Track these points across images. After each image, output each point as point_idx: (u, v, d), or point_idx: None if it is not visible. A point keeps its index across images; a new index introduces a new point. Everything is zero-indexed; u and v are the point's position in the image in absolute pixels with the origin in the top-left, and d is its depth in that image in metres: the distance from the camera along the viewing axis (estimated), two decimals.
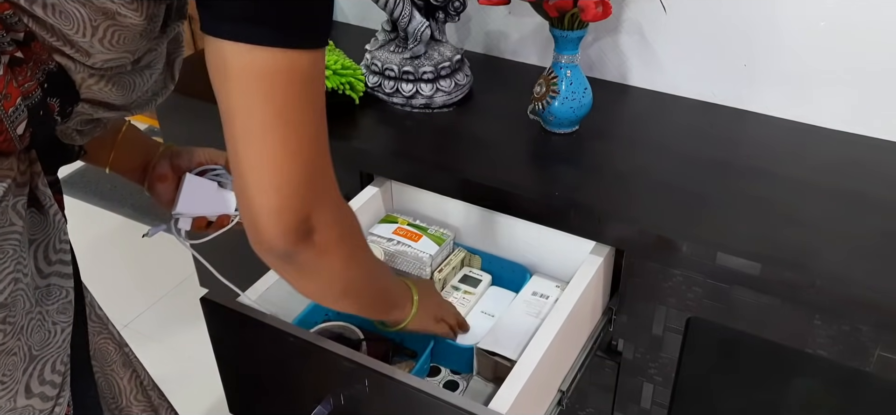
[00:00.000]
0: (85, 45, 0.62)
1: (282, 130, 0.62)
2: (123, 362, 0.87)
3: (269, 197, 0.63)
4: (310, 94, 0.63)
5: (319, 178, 0.67)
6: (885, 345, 0.89)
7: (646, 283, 1.03)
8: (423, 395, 0.81)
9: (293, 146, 0.63)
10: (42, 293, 0.68)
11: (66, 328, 0.70)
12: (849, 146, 1.18)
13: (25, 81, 0.61)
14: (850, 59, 1.17)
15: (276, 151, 0.62)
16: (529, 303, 1.06)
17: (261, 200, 0.63)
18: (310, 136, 0.64)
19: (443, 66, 1.29)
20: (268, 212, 0.64)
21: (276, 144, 0.62)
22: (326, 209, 0.68)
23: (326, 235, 0.68)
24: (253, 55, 0.59)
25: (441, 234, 1.15)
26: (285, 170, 0.63)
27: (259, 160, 0.63)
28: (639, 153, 1.17)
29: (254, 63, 0.60)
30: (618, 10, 1.32)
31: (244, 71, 0.60)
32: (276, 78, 0.60)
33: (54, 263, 0.69)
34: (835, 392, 0.99)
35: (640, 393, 1.13)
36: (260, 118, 0.61)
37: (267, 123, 0.61)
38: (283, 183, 0.63)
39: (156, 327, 1.81)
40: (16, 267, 0.63)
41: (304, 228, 0.66)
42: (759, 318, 0.96)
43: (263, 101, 0.61)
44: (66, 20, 0.61)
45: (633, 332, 1.08)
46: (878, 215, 1.00)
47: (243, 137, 0.63)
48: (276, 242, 0.65)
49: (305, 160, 0.64)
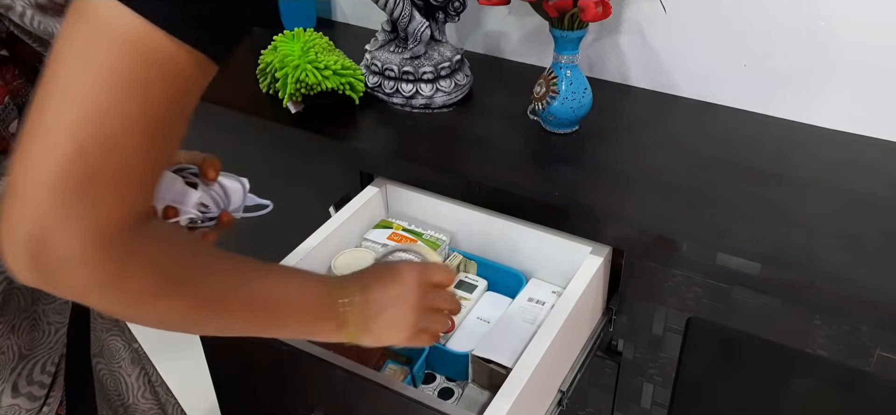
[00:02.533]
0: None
1: (88, 98, 0.46)
2: (132, 359, 0.87)
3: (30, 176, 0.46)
4: (169, 91, 0.48)
5: (104, 191, 0.47)
6: (885, 345, 0.89)
7: (646, 283, 1.03)
8: (416, 404, 0.80)
9: (81, 124, 0.46)
10: (40, 292, 0.68)
11: (61, 329, 0.70)
12: (849, 146, 1.18)
13: (13, 80, 0.60)
14: (850, 59, 1.17)
15: (65, 115, 0.46)
16: (525, 309, 1.05)
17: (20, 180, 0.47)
18: (116, 127, 0.47)
19: (443, 67, 1.29)
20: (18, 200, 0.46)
21: (73, 109, 0.46)
22: (85, 218, 0.47)
23: (71, 255, 0.47)
24: (114, 11, 0.46)
25: (436, 239, 1.14)
26: (65, 138, 0.45)
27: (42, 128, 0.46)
28: (639, 153, 1.17)
29: (112, 18, 0.46)
30: (618, 10, 1.32)
31: (98, 22, 0.46)
32: (134, 56, 0.46)
33: None
34: (835, 392, 0.99)
35: (640, 393, 1.13)
36: (77, 78, 0.46)
37: (79, 83, 0.46)
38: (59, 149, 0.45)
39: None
40: None
41: (38, 239, 0.46)
42: (759, 318, 0.96)
43: (95, 59, 0.46)
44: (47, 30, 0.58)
45: (633, 332, 1.08)
46: (878, 215, 1.00)
47: (47, 93, 0.47)
48: (15, 247, 0.47)
49: (82, 145, 0.46)
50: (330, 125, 1.24)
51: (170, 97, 0.48)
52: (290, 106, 1.26)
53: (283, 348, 0.87)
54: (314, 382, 0.87)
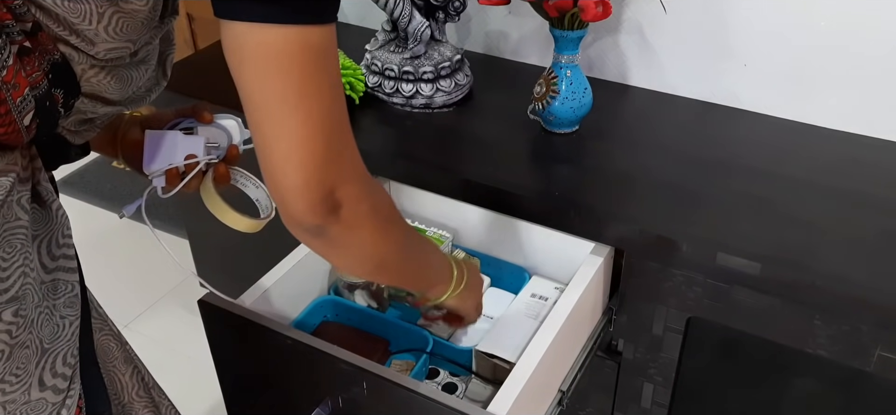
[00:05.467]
0: (90, 34, 0.63)
1: (300, 106, 0.62)
2: (125, 359, 0.88)
3: (293, 173, 0.64)
4: (325, 68, 0.64)
5: (342, 152, 0.67)
6: (885, 345, 0.89)
7: (646, 283, 1.03)
8: (421, 398, 0.81)
9: (314, 121, 0.63)
10: (48, 288, 0.69)
11: (75, 322, 0.71)
12: (849, 146, 1.18)
13: (33, 71, 0.62)
14: (850, 58, 1.17)
15: (297, 126, 0.63)
16: (528, 305, 1.05)
17: (286, 178, 0.64)
18: (328, 110, 0.64)
19: (443, 66, 1.29)
20: (293, 188, 0.64)
21: (297, 120, 0.63)
22: (352, 183, 0.68)
23: (354, 210, 0.69)
24: (265, 33, 0.60)
25: (439, 235, 1.15)
26: (307, 145, 0.64)
27: (280, 137, 0.63)
28: (639, 153, 1.17)
29: (267, 41, 0.61)
30: (618, 10, 1.32)
31: (258, 50, 0.61)
32: (291, 54, 0.61)
33: (58, 257, 0.69)
34: (835, 392, 0.99)
35: (640, 393, 1.13)
36: (278, 96, 0.62)
37: (285, 99, 0.62)
38: (306, 159, 0.64)
39: (156, 327, 1.81)
40: (24, 261, 0.64)
41: (330, 203, 0.66)
42: (759, 318, 0.96)
43: (280, 78, 0.62)
44: (74, 10, 0.61)
45: (633, 332, 1.08)
46: (878, 215, 1.00)
47: (263, 117, 0.64)
48: (304, 217, 0.66)
49: (327, 135, 0.65)
50: None
51: (333, 63, 0.65)
52: None
53: (288, 344, 0.87)
54: (320, 376, 0.88)
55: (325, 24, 0.63)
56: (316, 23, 0.62)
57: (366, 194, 0.71)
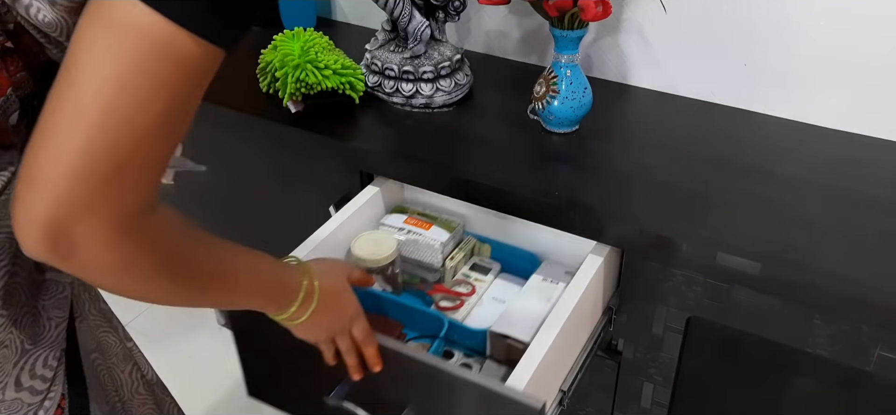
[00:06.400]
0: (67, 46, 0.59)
1: (119, 95, 0.48)
2: (124, 356, 0.88)
3: (49, 170, 0.48)
4: (176, 91, 0.50)
5: (113, 170, 0.49)
6: (885, 345, 0.89)
7: (646, 283, 1.03)
8: (443, 374, 0.80)
9: (104, 129, 0.48)
10: (39, 289, 0.68)
11: (61, 323, 0.71)
12: (849, 146, 1.18)
13: (16, 72, 0.60)
14: (850, 58, 1.17)
15: (83, 121, 0.48)
16: (540, 288, 1.07)
17: (39, 171, 0.49)
18: (146, 122, 0.49)
19: (443, 66, 1.29)
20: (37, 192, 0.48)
21: (102, 105, 0.48)
22: (101, 214, 0.50)
23: (90, 245, 0.50)
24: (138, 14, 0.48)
25: (451, 222, 1.16)
26: (80, 151, 0.48)
27: (56, 130, 0.48)
28: (639, 153, 1.17)
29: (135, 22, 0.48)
30: (618, 9, 1.32)
31: (118, 25, 0.48)
32: (153, 51, 0.49)
33: None
34: (835, 392, 0.99)
35: (640, 393, 1.13)
36: (98, 81, 0.48)
37: (107, 80, 0.48)
38: (76, 163, 0.48)
39: (156, 326, 1.81)
40: (12, 261, 0.63)
41: (58, 233, 0.49)
42: (759, 318, 0.96)
43: (120, 66, 0.48)
44: (49, 25, 0.58)
45: (633, 332, 1.08)
46: (878, 215, 1.00)
47: (69, 90, 0.49)
48: (30, 239, 0.50)
49: (102, 145, 0.48)
50: (330, 125, 1.24)
51: (189, 89, 0.52)
52: (291, 105, 1.26)
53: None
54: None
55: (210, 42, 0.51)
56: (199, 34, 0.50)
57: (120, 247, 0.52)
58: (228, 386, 1.59)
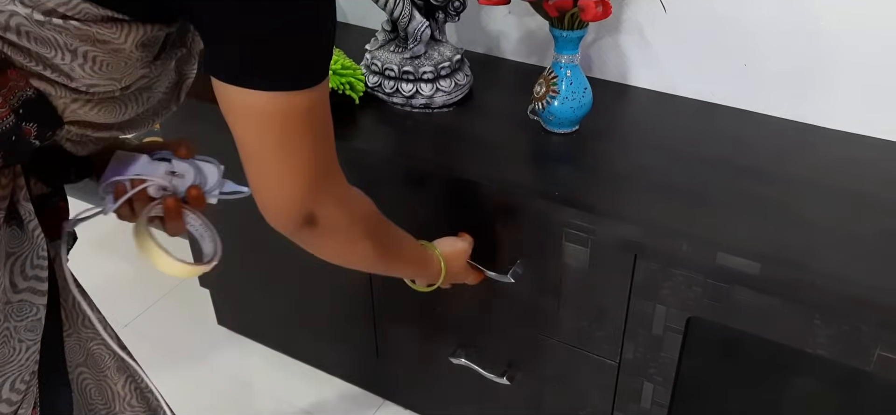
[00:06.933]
0: (65, 68, 0.62)
1: (283, 157, 0.69)
2: (118, 367, 0.85)
3: (274, 201, 0.73)
4: (308, 124, 0.69)
5: (324, 181, 0.75)
6: (885, 345, 0.89)
7: (646, 283, 1.03)
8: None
9: (296, 170, 0.71)
10: (13, 309, 0.67)
11: (32, 347, 0.69)
12: (849, 146, 1.18)
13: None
14: (850, 58, 1.17)
15: (280, 172, 0.71)
16: None
17: (268, 202, 0.73)
18: (309, 156, 0.71)
19: (443, 66, 1.29)
20: (274, 211, 0.74)
21: (280, 167, 0.70)
22: (329, 202, 0.76)
23: (329, 223, 0.77)
24: (253, 98, 0.64)
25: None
26: (287, 185, 0.72)
27: (265, 177, 0.72)
28: (639, 153, 1.17)
29: (255, 104, 0.65)
30: (618, 10, 1.32)
31: (246, 110, 0.66)
32: (276, 117, 0.66)
33: (30, 278, 0.68)
34: (835, 392, 0.99)
35: (640, 393, 1.13)
36: (262, 147, 0.69)
37: (269, 151, 0.69)
38: (286, 193, 0.72)
39: (156, 326, 1.81)
40: None
41: (306, 220, 0.75)
42: (759, 318, 0.96)
43: (265, 134, 0.68)
44: (43, 45, 0.60)
45: (634, 332, 1.08)
46: (878, 215, 1.00)
47: (250, 159, 0.71)
48: (286, 227, 0.75)
49: (306, 175, 0.72)
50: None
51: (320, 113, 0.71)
52: None
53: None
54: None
55: (310, 88, 0.67)
56: (301, 89, 0.66)
57: (343, 212, 0.79)
58: (228, 386, 1.59)
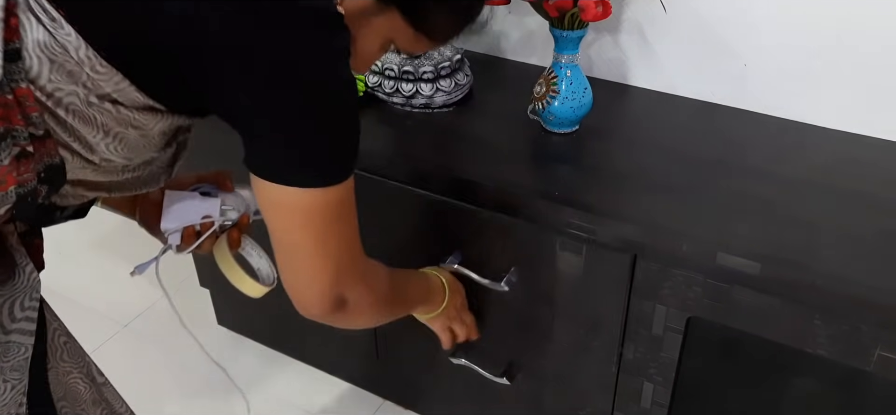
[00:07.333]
0: (93, 143, 0.66)
1: (318, 251, 0.75)
2: (94, 400, 0.87)
3: (310, 289, 0.78)
4: (342, 215, 0.75)
5: (351, 267, 0.80)
6: (885, 345, 0.89)
7: (646, 283, 1.03)
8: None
9: (330, 259, 0.76)
10: (1, 349, 0.68)
11: (18, 385, 0.71)
12: (849, 146, 1.18)
13: (25, 172, 0.62)
14: (850, 58, 1.17)
15: (314, 263, 0.76)
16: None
17: (303, 296, 0.79)
18: (342, 245, 0.77)
19: (443, 66, 1.29)
20: (309, 299, 0.79)
21: (314, 259, 0.75)
22: (356, 285, 0.82)
23: (357, 301, 0.83)
24: (292, 195, 0.69)
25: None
26: (322, 274, 0.77)
27: (300, 270, 0.77)
28: (639, 153, 1.17)
29: (293, 200, 0.70)
30: (618, 10, 1.32)
31: (284, 205, 0.71)
32: (313, 211, 0.71)
33: (19, 320, 0.69)
34: (835, 392, 0.99)
35: (640, 393, 1.13)
36: (299, 240, 0.74)
37: (309, 243, 0.74)
38: (320, 281, 0.77)
39: (155, 326, 1.81)
40: None
41: (338, 303, 0.80)
42: (759, 318, 0.96)
43: (302, 228, 0.73)
44: (84, 123, 0.64)
45: (633, 332, 1.08)
46: (878, 215, 1.00)
47: (286, 251, 0.76)
48: (318, 315, 0.81)
49: (338, 262, 0.77)
50: None
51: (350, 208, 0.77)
52: None
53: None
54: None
55: (343, 182, 0.72)
56: (334, 184, 0.71)
57: (367, 290, 0.84)
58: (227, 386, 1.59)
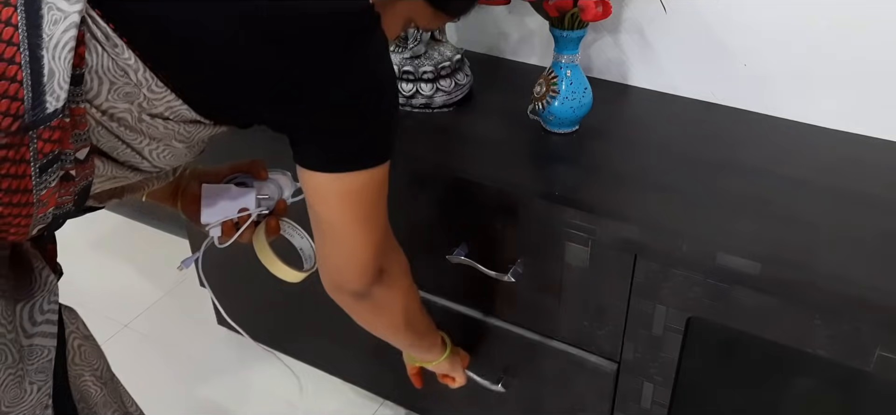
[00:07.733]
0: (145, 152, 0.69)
1: (363, 227, 0.78)
2: (104, 402, 0.88)
3: (352, 270, 0.82)
4: (383, 189, 0.78)
5: (387, 240, 0.84)
6: (885, 345, 0.89)
7: (646, 283, 1.03)
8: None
9: (371, 234, 0.80)
10: (25, 352, 0.69)
11: (43, 387, 0.72)
12: (849, 146, 1.18)
13: (65, 195, 0.63)
14: (850, 58, 1.17)
15: (358, 240, 0.79)
16: None
17: (344, 272, 0.82)
18: (381, 219, 0.81)
19: (443, 66, 1.29)
20: (352, 275, 0.82)
21: (358, 236, 0.79)
22: (392, 256, 0.87)
23: (393, 272, 0.87)
24: (340, 181, 0.74)
25: None
26: (364, 250, 0.80)
27: (345, 247, 0.80)
28: (639, 153, 1.17)
29: (341, 186, 0.74)
30: (618, 10, 1.32)
31: (333, 191, 0.74)
32: (358, 192, 0.75)
33: (40, 323, 0.70)
34: (835, 392, 0.99)
35: (640, 393, 1.13)
36: (345, 222, 0.77)
37: (351, 224, 0.77)
38: (363, 257, 0.81)
39: (156, 327, 1.81)
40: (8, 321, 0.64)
41: (378, 274, 0.84)
42: (759, 318, 0.96)
43: (348, 210, 0.76)
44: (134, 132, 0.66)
45: (633, 332, 1.08)
46: (878, 215, 1.00)
47: (331, 229, 0.79)
48: (359, 287, 0.84)
49: (378, 236, 0.81)
50: None
51: (386, 184, 0.79)
52: None
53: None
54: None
55: (388, 160, 0.76)
56: (381, 163, 0.75)
57: (398, 260, 0.88)
58: (227, 386, 1.59)
